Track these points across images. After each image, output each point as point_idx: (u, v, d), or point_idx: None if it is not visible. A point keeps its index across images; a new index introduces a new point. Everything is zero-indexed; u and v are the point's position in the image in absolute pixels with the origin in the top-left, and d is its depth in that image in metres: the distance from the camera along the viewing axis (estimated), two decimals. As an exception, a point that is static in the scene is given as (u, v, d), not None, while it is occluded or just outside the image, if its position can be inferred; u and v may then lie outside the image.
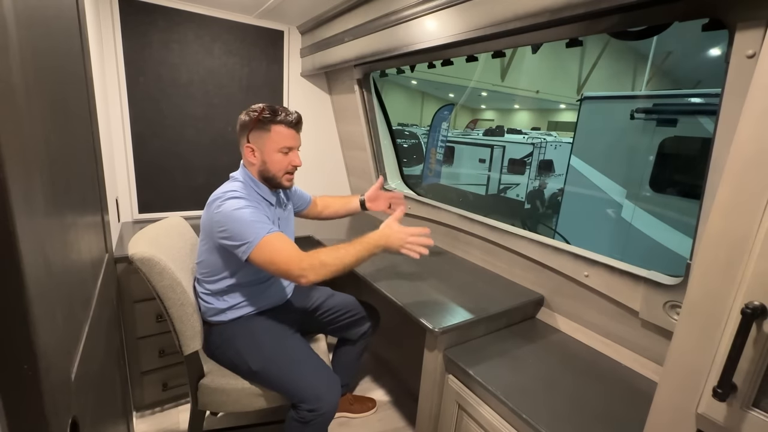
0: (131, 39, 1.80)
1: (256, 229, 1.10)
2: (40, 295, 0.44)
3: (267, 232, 1.10)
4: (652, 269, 1.09)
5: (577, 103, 4.03)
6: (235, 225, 1.11)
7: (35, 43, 0.51)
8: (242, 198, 1.16)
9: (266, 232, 1.10)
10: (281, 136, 1.21)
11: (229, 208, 1.13)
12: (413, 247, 1.15)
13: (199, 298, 1.28)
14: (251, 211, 1.13)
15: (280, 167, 1.24)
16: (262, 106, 1.21)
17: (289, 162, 1.25)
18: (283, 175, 1.25)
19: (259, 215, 1.14)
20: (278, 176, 1.25)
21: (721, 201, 0.57)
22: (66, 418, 0.50)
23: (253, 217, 1.12)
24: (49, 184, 0.53)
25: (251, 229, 1.10)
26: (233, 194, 1.16)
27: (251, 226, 1.10)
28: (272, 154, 1.22)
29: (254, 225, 1.11)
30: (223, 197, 1.16)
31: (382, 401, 1.84)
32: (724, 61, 0.84)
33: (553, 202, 6.09)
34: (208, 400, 1.24)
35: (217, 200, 1.16)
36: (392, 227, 1.17)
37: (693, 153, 3.20)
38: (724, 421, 0.58)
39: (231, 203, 1.13)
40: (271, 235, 1.11)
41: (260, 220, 1.13)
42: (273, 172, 1.24)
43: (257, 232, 1.10)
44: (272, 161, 1.23)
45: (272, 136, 1.21)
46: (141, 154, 1.93)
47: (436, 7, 1.26)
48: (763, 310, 0.52)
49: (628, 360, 1.16)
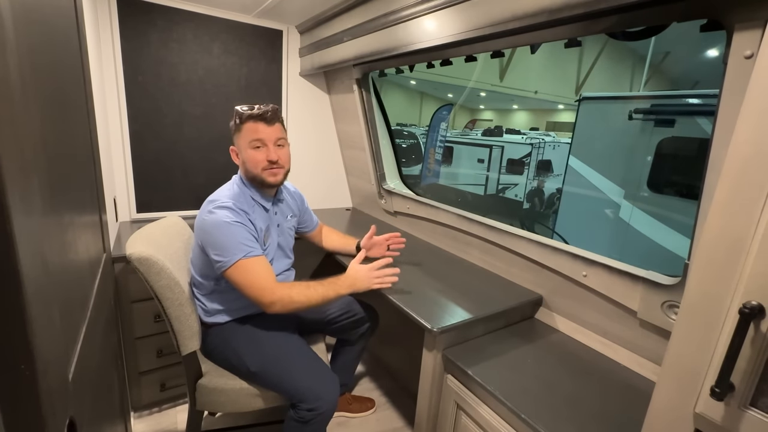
0: (129, 38, 1.79)
1: (235, 249, 1.12)
2: (38, 295, 0.44)
3: (244, 255, 1.12)
4: (650, 269, 1.09)
5: (576, 103, 4.04)
6: (218, 237, 1.13)
7: (33, 42, 0.51)
8: (234, 210, 1.17)
9: (243, 255, 1.12)
10: (249, 131, 1.21)
11: (219, 218, 1.14)
12: (382, 280, 1.25)
13: (195, 299, 1.28)
14: (238, 229, 1.14)
15: (256, 163, 1.22)
16: (236, 108, 1.22)
17: (265, 157, 1.22)
18: (261, 170, 1.23)
19: (244, 234, 1.15)
20: (258, 173, 1.23)
21: (719, 201, 0.57)
22: (63, 418, 0.50)
23: (238, 236, 1.14)
24: (46, 184, 0.53)
25: (231, 248, 1.12)
26: (226, 204, 1.17)
27: (232, 244, 1.13)
28: (246, 151, 1.23)
29: (235, 245, 1.13)
30: (217, 203, 1.17)
31: (380, 401, 1.84)
32: (722, 61, 0.84)
33: (551, 202, 6.10)
34: (206, 401, 1.23)
35: (212, 204, 1.17)
36: (357, 270, 1.26)
37: (691, 153, 3.21)
38: (721, 420, 0.58)
39: (222, 213, 1.15)
40: (249, 260, 1.13)
41: (244, 241, 1.14)
42: (252, 170, 1.24)
43: (234, 253, 1.12)
44: (248, 158, 1.23)
45: (243, 133, 1.22)
46: (139, 153, 1.92)
47: (435, 7, 1.26)
48: (760, 310, 0.53)
49: (626, 360, 1.16)
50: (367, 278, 1.25)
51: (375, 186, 2.28)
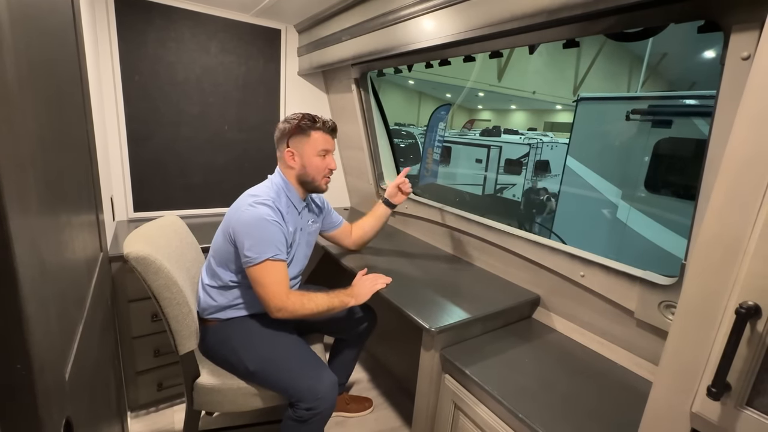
0: (127, 36, 1.78)
1: (267, 248, 1.16)
2: (34, 295, 0.43)
3: (272, 255, 1.16)
4: (648, 269, 1.10)
5: (573, 104, 4.05)
6: (256, 232, 1.17)
7: (29, 40, 0.51)
8: (274, 209, 1.21)
9: (272, 255, 1.16)
10: (320, 140, 1.30)
11: (260, 213, 1.18)
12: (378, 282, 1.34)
13: (204, 293, 1.29)
14: (275, 229, 1.19)
15: (320, 170, 1.31)
16: (302, 114, 1.30)
17: (327, 165, 1.32)
18: (321, 177, 1.33)
19: (279, 236, 1.20)
20: (317, 179, 1.32)
21: (716, 202, 0.57)
22: (60, 418, 0.50)
23: (274, 236, 1.19)
24: (43, 183, 0.53)
25: (265, 246, 1.16)
26: (267, 202, 1.21)
27: (268, 242, 1.17)
28: (311, 158, 1.29)
29: (269, 243, 1.17)
30: (259, 199, 1.21)
31: (378, 401, 1.84)
32: (719, 63, 0.84)
33: (549, 202, 6.11)
34: (203, 400, 1.23)
35: (253, 198, 1.21)
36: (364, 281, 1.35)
37: (687, 154, 3.23)
38: (718, 420, 0.59)
39: (264, 210, 1.19)
40: (275, 262, 1.17)
41: (277, 243, 1.19)
42: (312, 175, 1.31)
43: (266, 251, 1.16)
44: (311, 164, 1.30)
45: (311, 140, 1.29)
46: (136, 152, 1.91)
47: (434, 6, 1.26)
48: (756, 310, 0.53)
49: (623, 359, 1.17)
50: (366, 287, 1.32)
51: (373, 186, 2.27)
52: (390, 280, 1.36)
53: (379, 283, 1.34)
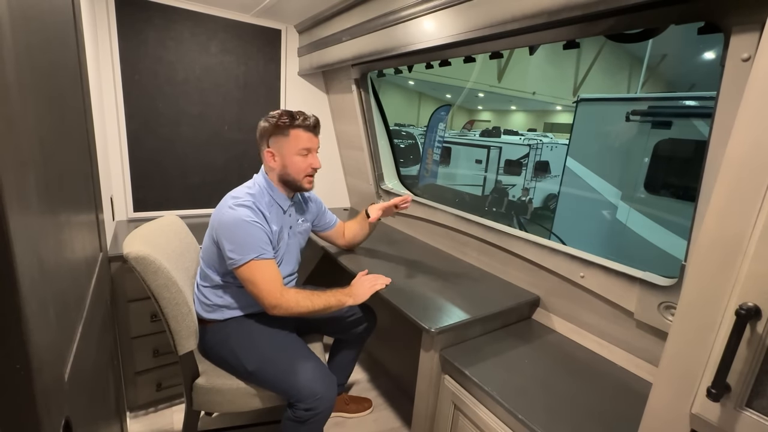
0: (127, 36, 1.78)
1: (250, 249, 1.15)
2: (33, 294, 0.43)
3: (257, 255, 1.15)
4: (647, 271, 1.10)
5: (573, 105, 4.05)
6: (236, 234, 1.16)
7: (30, 40, 0.51)
8: (254, 210, 1.20)
9: (256, 256, 1.15)
10: (300, 139, 1.26)
11: (239, 215, 1.16)
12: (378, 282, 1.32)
13: (198, 292, 1.29)
14: (255, 229, 1.17)
15: (300, 169, 1.28)
16: (281, 112, 1.26)
17: (309, 164, 1.29)
18: (303, 177, 1.29)
19: (261, 236, 1.18)
20: (299, 179, 1.29)
21: (716, 203, 0.57)
22: (59, 418, 0.50)
23: (255, 237, 1.17)
24: (42, 182, 0.53)
25: (247, 247, 1.15)
26: (247, 203, 1.20)
27: (249, 243, 1.16)
28: (292, 157, 1.26)
29: (251, 244, 1.16)
30: (239, 200, 1.20)
31: (378, 401, 1.84)
32: (719, 64, 0.84)
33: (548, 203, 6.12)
34: (203, 401, 1.23)
35: (233, 200, 1.20)
36: (363, 281, 1.34)
37: (687, 155, 3.23)
38: (717, 421, 0.59)
39: (243, 211, 1.17)
40: (261, 261, 1.16)
41: (259, 242, 1.17)
42: (293, 175, 1.28)
43: (249, 252, 1.15)
44: (292, 164, 1.27)
45: (291, 140, 1.25)
46: (136, 152, 1.91)
47: (434, 7, 1.26)
48: (756, 311, 0.53)
49: (622, 360, 1.17)
50: (364, 286, 1.31)
51: (373, 186, 2.27)
52: (390, 280, 1.35)
53: (378, 283, 1.33)
